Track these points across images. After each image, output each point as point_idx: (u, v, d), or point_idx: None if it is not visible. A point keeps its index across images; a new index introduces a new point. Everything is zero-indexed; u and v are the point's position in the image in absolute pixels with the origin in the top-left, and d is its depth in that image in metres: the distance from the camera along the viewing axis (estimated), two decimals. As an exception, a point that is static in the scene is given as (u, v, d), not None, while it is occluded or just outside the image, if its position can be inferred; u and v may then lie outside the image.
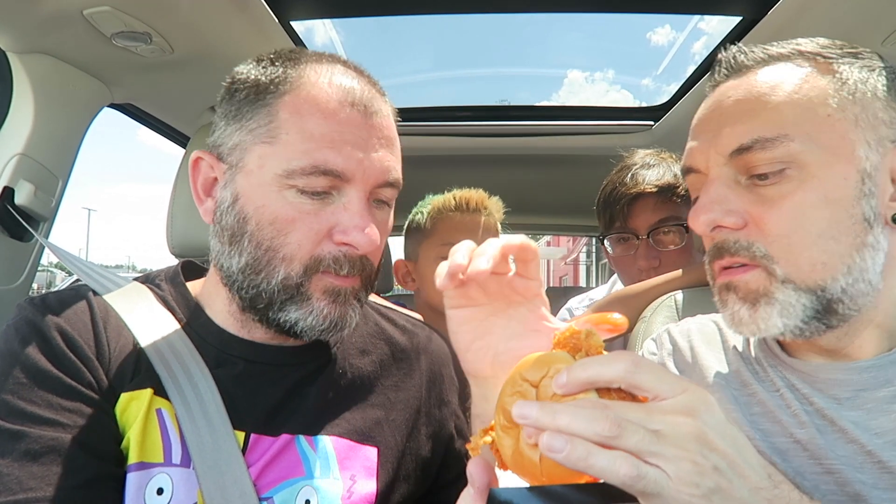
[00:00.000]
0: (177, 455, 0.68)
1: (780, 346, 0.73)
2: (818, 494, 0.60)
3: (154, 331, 0.74)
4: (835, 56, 0.66)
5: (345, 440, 0.76)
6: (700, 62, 1.51)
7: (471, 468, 0.50)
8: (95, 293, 0.77)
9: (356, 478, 0.74)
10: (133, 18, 1.08)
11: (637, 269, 1.37)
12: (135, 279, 0.83)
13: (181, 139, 1.72)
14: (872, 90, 0.64)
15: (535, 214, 2.99)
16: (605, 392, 0.45)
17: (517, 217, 1.80)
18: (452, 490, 0.82)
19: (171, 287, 0.81)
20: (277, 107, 0.69)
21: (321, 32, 1.54)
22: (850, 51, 0.66)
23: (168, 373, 0.70)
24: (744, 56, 0.69)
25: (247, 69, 0.74)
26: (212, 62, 1.26)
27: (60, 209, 1.26)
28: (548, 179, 2.32)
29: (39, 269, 1.30)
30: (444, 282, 0.57)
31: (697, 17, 1.52)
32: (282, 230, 0.68)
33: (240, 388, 0.74)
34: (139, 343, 0.72)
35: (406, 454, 0.80)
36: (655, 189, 1.31)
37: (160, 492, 0.66)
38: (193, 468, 0.67)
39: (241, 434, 0.71)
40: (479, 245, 0.57)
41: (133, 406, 0.68)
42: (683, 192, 1.30)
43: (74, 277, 1.23)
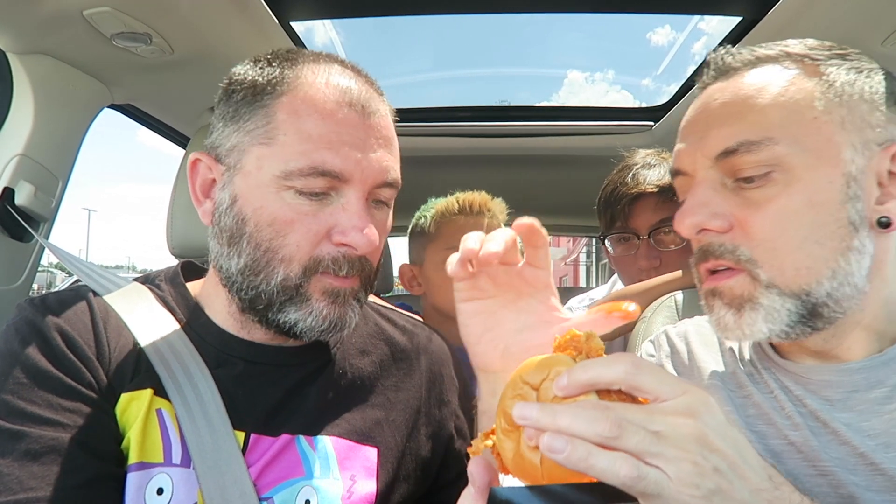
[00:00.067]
0: (177, 455, 0.68)
1: (773, 348, 0.73)
2: (812, 497, 0.60)
3: (154, 331, 0.74)
4: (822, 58, 0.65)
5: (345, 440, 0.76)
6: (700, 63, 1.50)
7: (471, 468, 0.50)
8: (95, 294, 0.77)
9: (356, 478, 0.74)
10: (133, 19, 1.08)
11: (637, 269, 1.37)
12: (135, 280, 0.83)
13: (181, 140, 1.72)
14: (859, 92, 0.63)
15: (535, 215, 2.95)
16: (606, 394, 0.45)
17: (518, 217, 1.79)
18: (452, 490, 0.83)
19: (171, 287, 0.81)
20: (275, 108, 0.69)
21: (321, 33, 1.54)
22: (839, 52, 0.66)
23: (168, 373, 0.70)
24: (731, 58, 0.69)
25: (244, 70, 0.73)
26: (212, 63, 1.26)
27: (60, 210, 1.26)
28: (548, 180, 2.32)
29: (39, 270, 1.30)
30: (456, 269, 0.58)
31: (697, 18, 1.51)
32: (280, 231, 0.68)
33: (240, 389, 0.74)
34: (139, 343, 0.72)
35: (406, 454, 0.80)
36: (656, 189, 1.31)
37: (160, 492, 0.66)
38: (193, 468, 0.67)
39: (241, 434, 0.71)
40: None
41: (133, 406, 0.69)
42: None
43: (74, 278, 1.22)
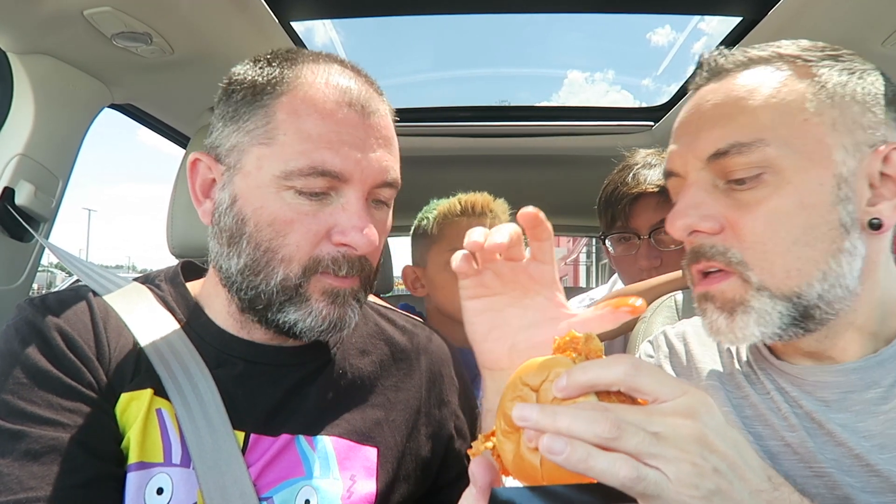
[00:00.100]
0: (177, 455, 0.68)
1: (769, 349, 0.73)
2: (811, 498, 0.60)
3: (154, 331, 0.74)
4: (814, 59, 0.65)
5: (344, 440, 0.76)
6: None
7: (473, 468, 0.50)
8: (95, 294, 0.77)
9: (356, 478, 0.74)
10: (133, 19, 1.08)
11: (638, 269, 1.37)
12: (135, 279, 0.83)
13: (181, 139, 1.72)
14: (851, 94, 0.63)
15: None
16: (605, 395, 0.45)
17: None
18: (452, 490, 0.83)
19: (171, 287, 0.81)
20: (274, 108, 0.69)
21: (321, 33, 1.54)
22: (831, 53, 0.65)
23: (168, 373, 0.70)
24: (724, 59, 0.68)
25: (244, 70, 0.73)
26: (212, 62, 1.26)
27: (61, 209, 1.26)
28: (548, 180, 2.32)
29: (39, 270, 1.30)
30: (461, 264, 0.58)
31: (697, 18, 1.51)
32: (280, 231, 0.68)
33: (240, 389, 0.74)
34: (139, 343, 0.72)
35: (406, 454, 0.80)
36: (657, 189, 1.31)
37: (160, 492, 0.66)
38: (193, 468, 0.67)
39: (241, 434, 0.71)
40: None
41: (133, 406, 0.69)
42: None
43: (74, 278, 1.22)
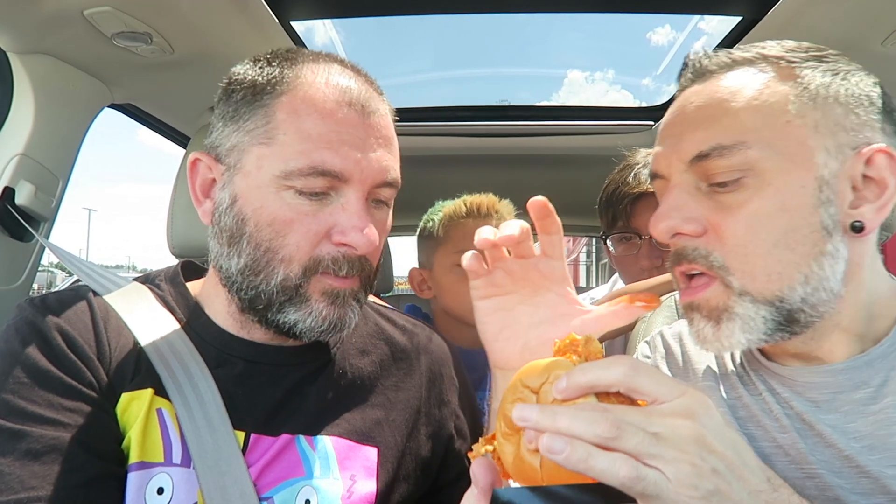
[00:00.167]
0: (177, 455, 0.68)
1: (760, 351, 0.72)
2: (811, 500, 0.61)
3: (154, 331, 0.74)
4: (798, 60, 0.64)
5: (345, 440, 0.76)
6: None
7: (474, 468, 0.50)
8: (95, 293, 0.77)
9: (356, 478, 0.74)
10: (133, 19, 1.08)
11: (639, 269, 1.37)
12: (135, 279, 0.83)
13: (181, 139, 1.72)
14: (834, 95, 0.62)
15: None
16: (605, 396, 0.46)
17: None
18: (452, 490, 0.83)
19: (171, 287, 0.81)
20: (274, 107, 0.69)
21: (321, 32, 1.54)
22: (815, 54, 0.65)
23: (168, 373, 0.70)
24: (708, 60, 0.68)
25: (243, 70, 0.73)
26: (212, 62, 1.26)
27: (61, 209, 1.26)
28: (548, 179, 2.32)
29: (40, 270, 1.30)
30: (472, 262, 0.59)
31: (697, 17, 1.51)
32: (280, 231, 0.68)
33: (240, 388, 0.74)
34: (139, 343, 0.72)
35: (406, 454, 0.81)
36: None
37: (160, 491, 0.66)
38: (194, 468, 0.67)
39: (241, 434, 0.71)
40: None
41: (134, 406, 0.69)
42: None
43: (74, 278, 1.23)
